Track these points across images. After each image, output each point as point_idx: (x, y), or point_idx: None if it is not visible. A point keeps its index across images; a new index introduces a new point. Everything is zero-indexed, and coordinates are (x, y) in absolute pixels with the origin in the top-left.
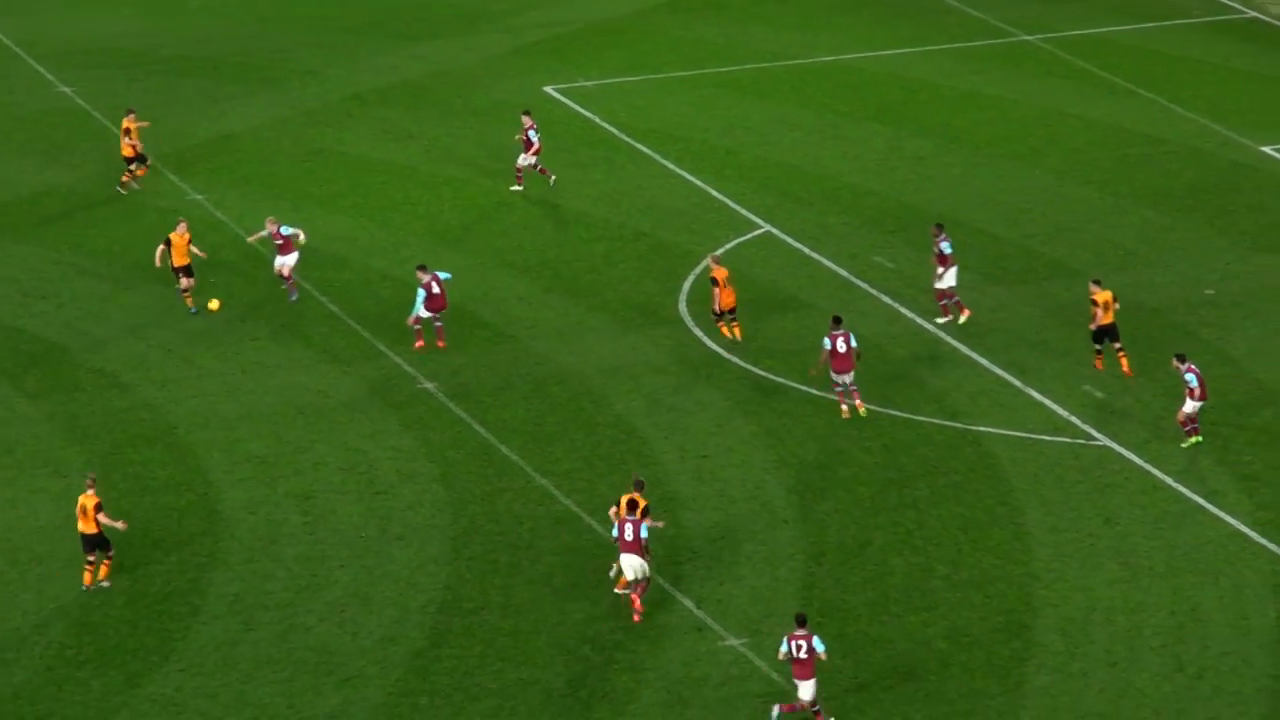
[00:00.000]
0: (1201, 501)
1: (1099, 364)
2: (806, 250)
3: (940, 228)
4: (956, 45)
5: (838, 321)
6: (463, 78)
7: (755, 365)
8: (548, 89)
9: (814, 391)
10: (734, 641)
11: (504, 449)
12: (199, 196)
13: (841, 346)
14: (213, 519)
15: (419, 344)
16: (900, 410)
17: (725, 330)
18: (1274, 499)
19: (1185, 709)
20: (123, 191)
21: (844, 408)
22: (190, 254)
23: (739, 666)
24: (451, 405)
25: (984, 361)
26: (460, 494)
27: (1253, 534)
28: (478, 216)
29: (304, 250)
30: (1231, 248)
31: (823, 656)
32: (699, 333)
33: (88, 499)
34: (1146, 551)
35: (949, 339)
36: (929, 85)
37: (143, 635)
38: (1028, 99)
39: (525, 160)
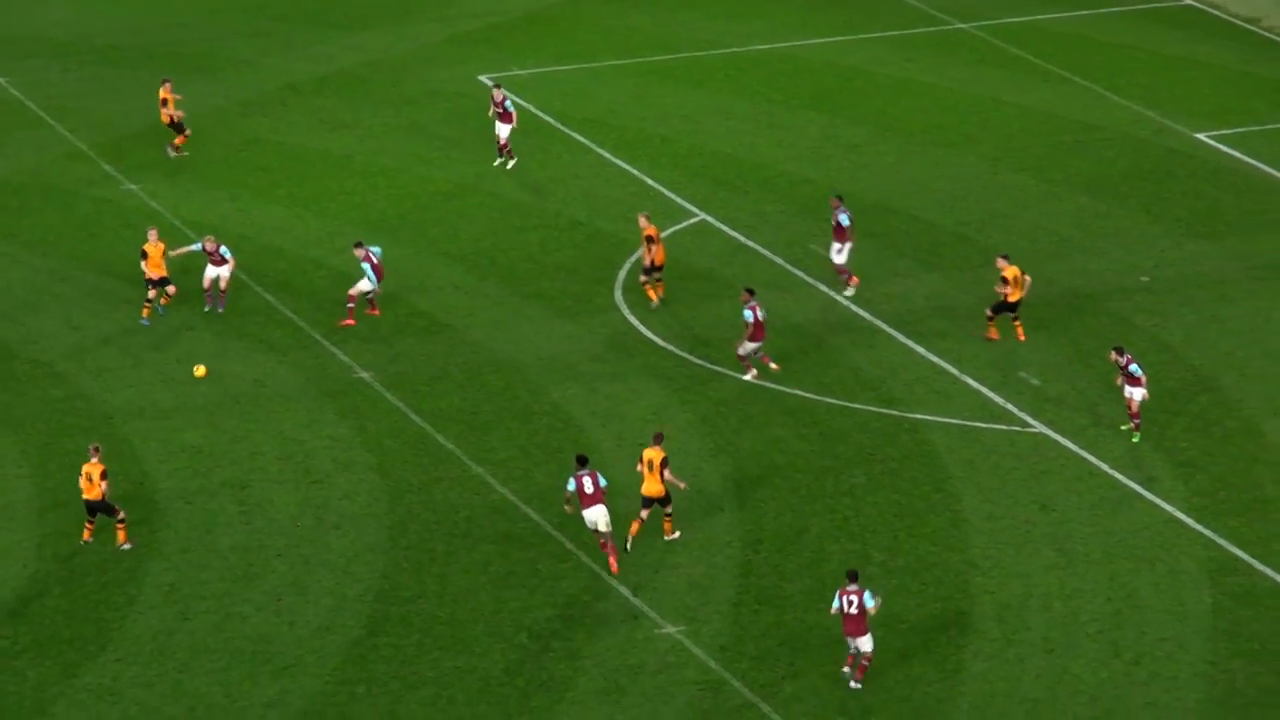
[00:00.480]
0: (1138, 488)
1: (993, 333)
2: (742, 238)
3: (840, 199)
4: (890, 33)
5: (752, 293)
6: (397, 67)
7: (691, 353)
8: (482, 78)
9: (750, 379)
10: (671, 629)
11: (440, 438)
12: (133, 186)
13: (763, 315)
14: (149, 509)
15: (349, 321)
16: (836, 398)
17: (651, 292)
18: (1210, 485)
19: (1122, 694)
20: (172, 155)
21: (754, 371)
22: (167, 262)
23: (676, 654)
24: (387, 394)
25: (920, 349)
26: (396, 483)
27: (1188, 520)
28: (413, 205)
29: (240, 239)
30: (1166, 234)
31: (872, 610)
32: (635, 321)
33: (93, 467)
34: (1083, 538)
35: (885, 327)
36: (863, 73)
37: (79, 625)
38: (961, 86)
39: (504, 130)
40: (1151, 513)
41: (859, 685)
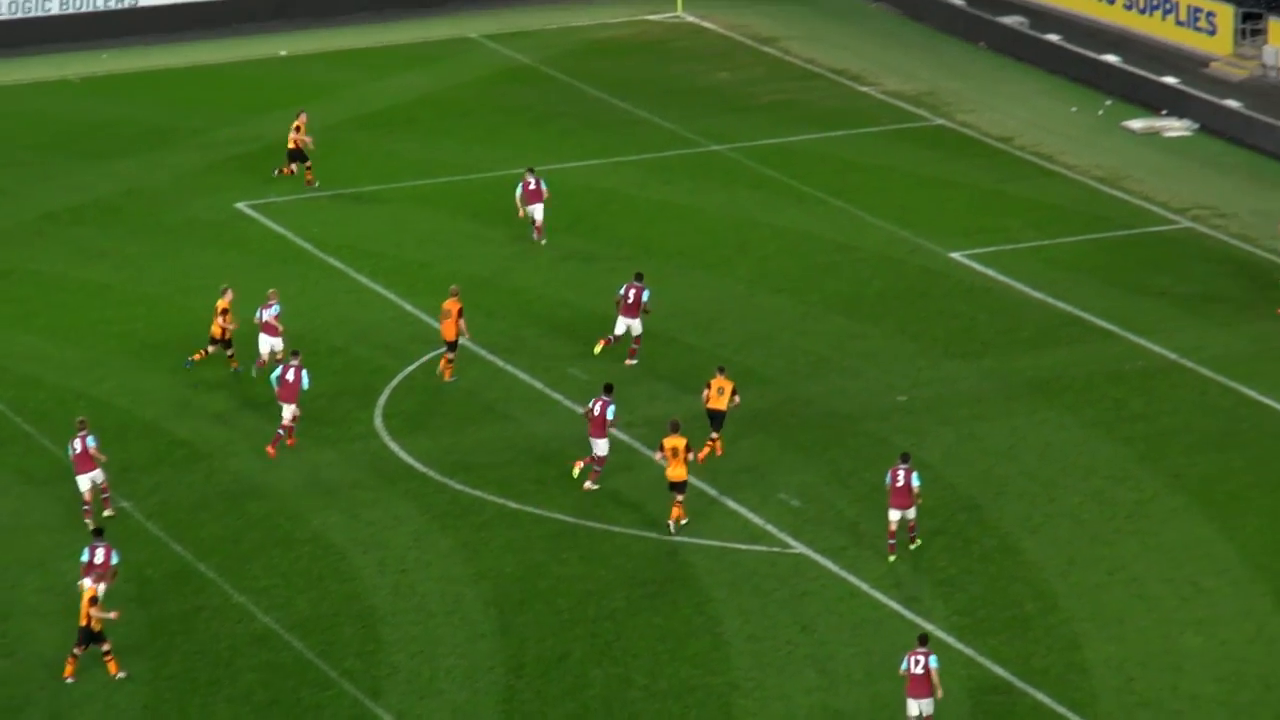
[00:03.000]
0: (898, 607)
1: (718, 449)
2: (500, 363)
3: (640, 275)
4: (646, 156)
5: (609, 389)
6: (155, 195)
7: (451, 478)
8: (240, 205)
9: (511, 504)
10: None
11: (201, 567)
12: None
13: (597, 410)
14: None
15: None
16: (596, 521)
17: (444, 363)
18: (969, 604)
19: None
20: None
21: (580, 465)
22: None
23: None
24: (148, 524)
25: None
26: (158, 613)
27: (949, 639)
28: (172, 335)
29: (6, 371)
30: (923, 354)
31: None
32: (395, 447)
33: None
34: (845, 659)
35: (644, 449)
36: (621, 196)
37: None
38: (718, 209)
39: (537, 211)
40: (912, 632)
41: None
